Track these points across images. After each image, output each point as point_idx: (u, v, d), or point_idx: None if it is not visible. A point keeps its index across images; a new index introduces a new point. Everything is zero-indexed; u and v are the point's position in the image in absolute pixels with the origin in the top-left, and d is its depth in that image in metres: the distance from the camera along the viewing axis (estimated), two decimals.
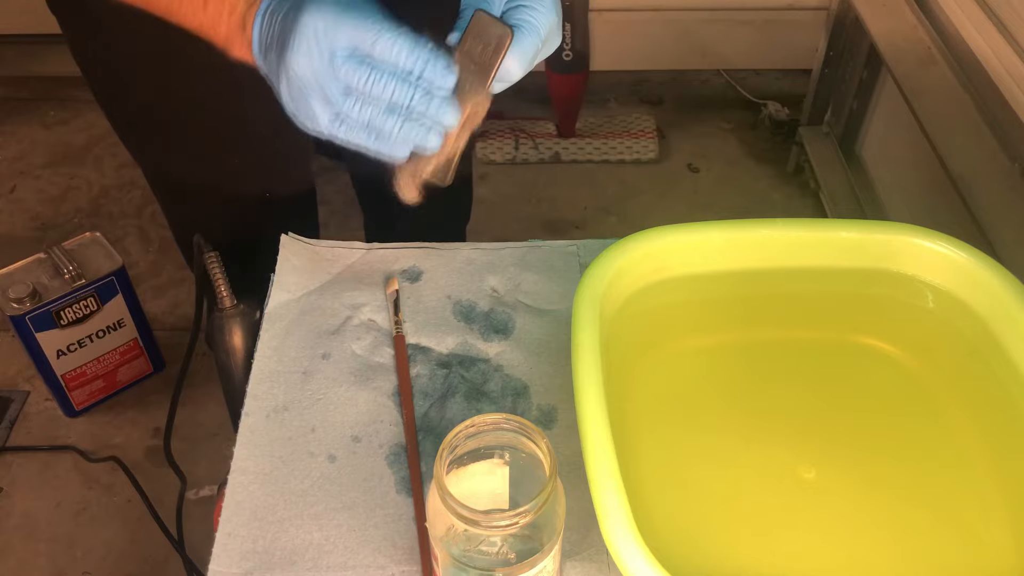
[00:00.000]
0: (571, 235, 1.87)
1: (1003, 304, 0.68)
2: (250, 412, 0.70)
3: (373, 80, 0.55)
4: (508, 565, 0.51)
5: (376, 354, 0.75)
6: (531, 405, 0.71)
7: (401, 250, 0.83)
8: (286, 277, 0.80)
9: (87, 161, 2.05)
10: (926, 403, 0.69)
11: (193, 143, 0.89)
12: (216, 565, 0.61)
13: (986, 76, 1.30)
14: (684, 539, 0.60)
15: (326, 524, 0.64)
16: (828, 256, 0.73)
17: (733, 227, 0.72)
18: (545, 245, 0.84)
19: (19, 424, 1.53)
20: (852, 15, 1.76)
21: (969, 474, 0.65)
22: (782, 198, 1.99)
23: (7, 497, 1.43)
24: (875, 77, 1.79)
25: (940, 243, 0.71)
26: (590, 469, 0.55)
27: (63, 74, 2.08)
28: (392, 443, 0.69)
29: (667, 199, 1.98)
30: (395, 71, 0.55)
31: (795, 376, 0.71)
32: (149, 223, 1.91)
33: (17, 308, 1.36)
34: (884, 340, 0.73)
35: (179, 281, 1.79)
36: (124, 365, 1.55)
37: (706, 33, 2.06)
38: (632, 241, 0.70)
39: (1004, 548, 0.61)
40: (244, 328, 0.80)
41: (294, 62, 0.55)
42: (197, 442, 1.47)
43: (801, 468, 0.65)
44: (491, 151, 2.06)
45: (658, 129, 2.13)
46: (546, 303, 0.79)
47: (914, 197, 1.64)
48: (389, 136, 0.57)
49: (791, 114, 2.11)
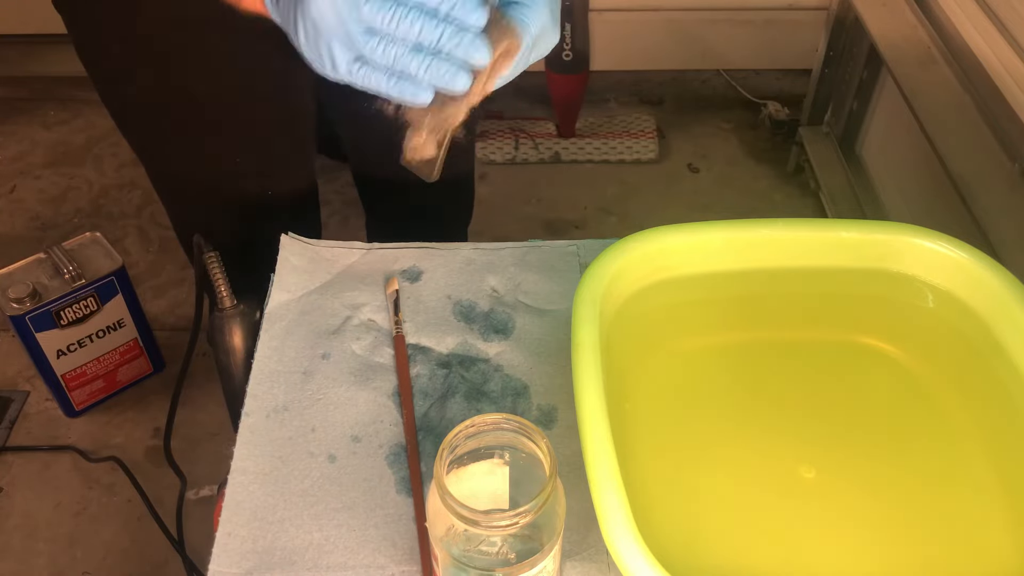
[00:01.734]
0: (571, 235, 1.87)
1: (1003, 304, 0.68)
2: (250, 412, 0.70)
3: (399, 17, 0.53)
4: (508, 565, 0.51)
5: (376, 354, 0.75)
6: (531, 405, 0.71)
7: (401, 250, 0.83)
8: (286, 277, 0.80)
9: (87, 161, 2.05)
10: (926, 403, 0.69)
11: (195, 140, 0.89)
12: (216, 565, 0.61)
13: (986, 76, 1.30)
14: (684, 539, 0.60)
15: (326, 524, 0.64)
16: (828, 256, 0.73)
17: (733, 227, 0.72)
18: (545, 245, 0.84)
19: (19, 424, 1.53)
20: (852, 15, 1.76)
21: (969, 474, 0.65)
22: (782, 198, 1.99)
23: (7, 497, 1.43)
24: (875, 77, 1.79)
25: (940, 243, 0.71)
26: (590, 469, 0.55)
27: (63, 74, 2.09)
28: (392, 443, 0.69)
29: (667, 199, 1.98)
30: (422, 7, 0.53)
31: (795, 376, 0.71)
32: (149, 223, 1.91)
33: (17, 308, 1.36)
34: (884, 340, 0.73)
35: (179, 281, 1.79)
36: (124, 365, 1.55)
37: (706, 33, 2.06)
38: (632, 241, 0.70)
39: (1004, 547, 0.61)
40: (244, 328, 0.80)
41: (316, 5, 0.53)
42: (197, 442, 1.47)
43: (801, 468, 0.65)
44: (491, 151, 2.06)
45: (658, 129, 2.13)
46: (546, 303, 0.79)
47: (914, 197, 1.64)
48: (415, 76, 0.55)
49: (791, 114, 2.11)
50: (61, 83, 2.16)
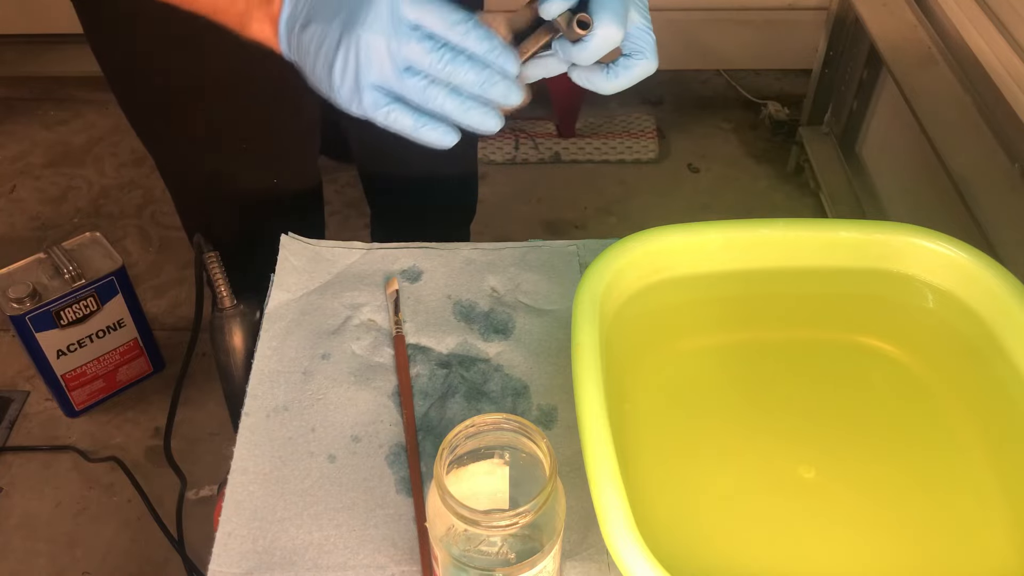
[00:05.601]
0: (571, 235, 1.87)
1: (1003, 304, 0.68)
2: (250, 412, 0.70)
3: (446, 59, 0.55)
4: (508, 565, 0.51)
5: (376, 354, 0.75)
6: (531, 405, 0.71)
7: (401, 250, 0.83)
8: (286, 277, 0.80)
9: (87, 161, 2.05)
10: (926, 403, 0.69)
11: (204, 136, 0.89)
12: (216, 565, 0.61)
13: (986, 76, 1.30)
14: (684, 539, 0.60)
15: (326, 524, 0.64)
16: (828, 256, 0.73)
17: (733, 227, 0.72)
18: (545, 245, 0.84)
19: (19, 424, 1.53)
20: (852, 15, 1.76)
21: (969, 474, 0.65)
22: (782, 198, 1.99)
23: (7, 497, 1.43)
24: (875, 77, 1.79)
25: (940, 243, 0.71)
26: (590, 469, 0.55)
27: (63, 74, 2.09)
28: (392, 443, 0.69)
29: (667, 199, 1.98)
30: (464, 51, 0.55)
31: (795, 376, 0.71)
32: (149, 223, 1.91)
33: (17, 308, 1.36)
34: (884, 340, 0.73)
35: (179, 281, 1.79)
36: (124, 365, 1.55)
37: (706, 33, 2.06)
38: (632, 241, 0.70)
39: (1004, 547, 0.61)
40: (244, 328, 0.80)
41: (367, 38, 0.54)
42: (197, 442, 1.47)
43: (801, 468, 0.65)
44: (491, 151, 2.06)
45: (658, 129, 2.13)
46: (546, 303, 0.79)
47: (914, 197, 1.64)
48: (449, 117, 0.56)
49: (791, 114, 2.11)
50: (61, 83, 2.16)
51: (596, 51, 0.57)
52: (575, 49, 0.57)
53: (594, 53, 0.57)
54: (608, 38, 0.57)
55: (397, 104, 0.56)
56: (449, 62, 0.55)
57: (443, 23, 0.55)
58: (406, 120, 0.57)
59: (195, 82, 0.85)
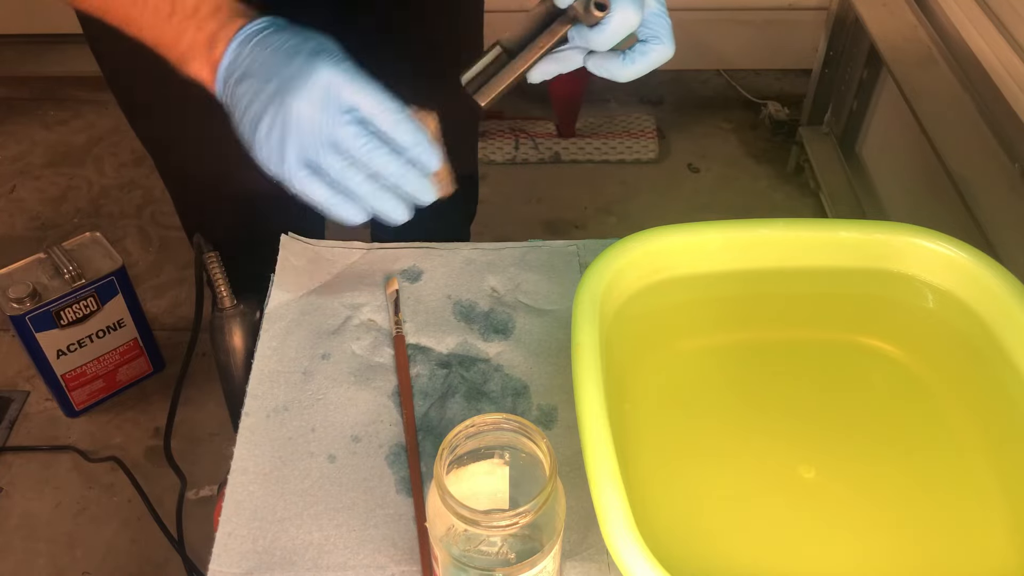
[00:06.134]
0: (571, 235, 1.87)
1: (1003, 304, 0.68)
2: (250, 412, 0.70)
3: (372, 147, 0.57)
4: (508, 565, 0.51)
5: (376, 354, 0.75)
6: (531, 405, 0.71)
7: (401, 250, 0.83)
8: (286, 277, 0.80)
9: (87, 161, 2.05)
10: (926, 403, 0.69)
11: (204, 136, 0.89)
12: (216, 565, 0.61)
13: (986, 76, 1.30)
14: (684, 539, 0.60)
15: (326, 524, 0.64)
16: (828, 256, 0.73)
17: (733, 227, 0.72)
18: (545, 245, 0.84)
19: (19, 424, 1.53)
20: (852, 15, 1.76)
21: (969, 474, 0.65)
22: (782, 198, 1.99)
23: (7, 497, 1.43)
24: (875, 77, 1.80)
25: (940, 243, 0.71)
26: (590, 469, 0.55)
27: (63, 74, 2.09)
28: (392, 443, 0.69)
29: (667, 199, 1.98)
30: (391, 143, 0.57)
31: (795, 376, 0.71)
32: (149, 223, 1.91)
33: (17, 308, 1.36)
34: (884, 340, 0.73)
35: (179, 281, 1.79)
36: (124, 365, 1.55)
37: (706, 33, 2.06)
38: (632, 241, 0.70)
39: (1004, 547, 0.61)
40: (244, 328, 0.80)
41: (298, 106, 0.56)
42: (197, 442, 1.47)
43: (801, 468, 0.65)
44: (491, 151, 2.06)
45: (658, 129, 2.13)
46: (546, 303, 0.79)
47: (914, 197, 1.64)
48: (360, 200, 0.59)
49: (791, 114, 2.11)
50: (61, 83, 2.16)
51: (614, 34, 0.57)
52: (592, 33, 0.57)
53: (612, 37, 0.57)
54: (626, 20, 0.57)
55: (315, 176, 0.58)
56: (373, 149, 0.57)
57: (378, 108, 0.56)
58: (321, 193, 0.58)
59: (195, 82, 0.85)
